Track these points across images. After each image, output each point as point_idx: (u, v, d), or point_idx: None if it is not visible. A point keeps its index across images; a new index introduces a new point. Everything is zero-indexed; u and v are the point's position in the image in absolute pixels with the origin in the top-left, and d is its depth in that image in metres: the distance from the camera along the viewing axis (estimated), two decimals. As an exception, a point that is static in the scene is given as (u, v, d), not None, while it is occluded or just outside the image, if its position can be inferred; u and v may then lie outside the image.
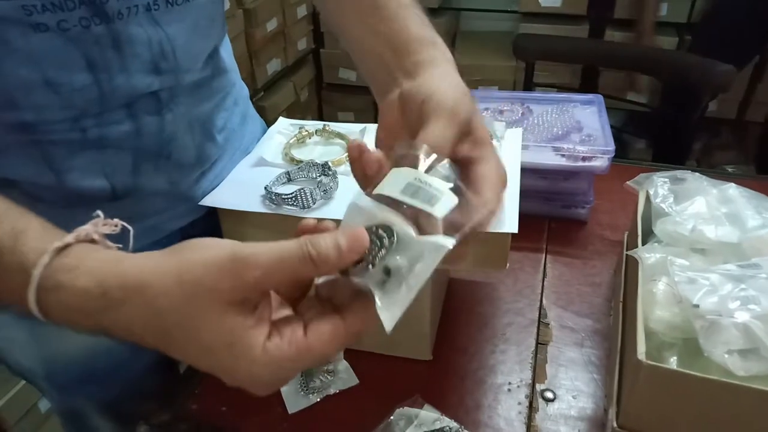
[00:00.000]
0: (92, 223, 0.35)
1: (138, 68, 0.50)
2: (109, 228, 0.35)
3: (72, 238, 0.33)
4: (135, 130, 0.52)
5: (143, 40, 0.49)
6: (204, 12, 0.54)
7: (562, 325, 0.65)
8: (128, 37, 0.48)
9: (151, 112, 0.53)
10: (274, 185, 0.59)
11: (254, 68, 1.95)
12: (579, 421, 0.55)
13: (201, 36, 0.55)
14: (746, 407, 0.43)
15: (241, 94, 0.68)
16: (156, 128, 0.54)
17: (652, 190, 0.61)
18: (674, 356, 0.49)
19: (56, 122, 0.48)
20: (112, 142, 0.52)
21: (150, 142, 0.54)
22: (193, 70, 0.56)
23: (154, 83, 0.51)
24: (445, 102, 0.38)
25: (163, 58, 0.51)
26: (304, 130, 0.70)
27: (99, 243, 0.35)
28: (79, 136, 0.50)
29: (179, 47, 0.52)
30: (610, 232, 0.80)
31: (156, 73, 0.51)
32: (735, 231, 0.55)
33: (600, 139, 0.81)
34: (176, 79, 0.53)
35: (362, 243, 0.31)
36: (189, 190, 0.60)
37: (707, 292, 0.48)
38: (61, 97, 0.47)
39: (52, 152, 0.50)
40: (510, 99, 0.94)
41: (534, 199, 0.82)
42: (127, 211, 0.56)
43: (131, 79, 0.50)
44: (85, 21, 0.45)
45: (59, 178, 0.51)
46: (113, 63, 0.48)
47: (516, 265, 0.73)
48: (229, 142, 0.65)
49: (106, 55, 0.47)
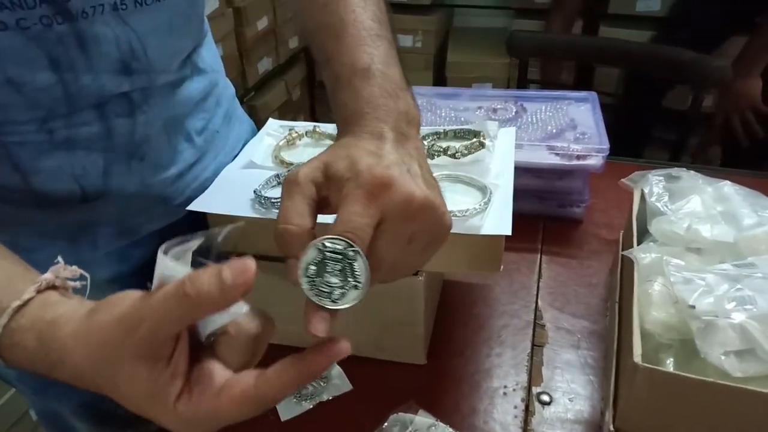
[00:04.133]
0: (52, 271, 0.36)
1: (106, 68, 0.48)
2: (69, 273, 0.37)
3: (33, 292, 0.35)
4: (105, 132, 0.51)
5: (110, 39, 0.47)
6: (178, 11, 0.53)
7: (558, 327, 0.65)
8: (94, 36, 0.46)
9: (122, 114, 0.51)
10: (264, 188, 0.58)
11: (245, 67, 1.93)
12: (576, 424, 0.54)
13: (176, 36, 0.54)
14: (743, 409, 0.43)
15: (224, 95, 0.67)
16: (128, 130, 0.52)
17: (647, 189, 0.61)
18: (671, 357, 0.48)
19: (22, 123, 0.47)
20: (82, 144, 0.50)
21: (121, 144, 0.53)
22: (169, 71, 0.54)
23: (125, 84, 0.50)
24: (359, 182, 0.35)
25: (134, 58, 0.50)
26: (293, 131, 0.69)
27: (60, 289, 0.36)
28: (46, 138, 0.49)
29: (151, 47, 0.50)
30: (605, 231, 0.79)
31: (126, 74, 0.50)
32: (730, 230, 0.55)
33: (594, 137, 0.81)
34: (149, 79, 0.52)
35: (250, 274, 0.29)
36: (165, 192, 0.58)
37: (703, 292, 0.48)
38: (24, 96, 0.46)
39: (19, 153, 0.48)
40: (504, 97, 0.93)
41: (529, 199, 0.81)
42: (98, 213, 0.55)
43: (99, 79, 0.48)
44: (47, 19, 0.44)
45: (26, 180, 0.50)
46: (78, 62, 0.47)
47: (511, 266, 0.73)
48: (210, 144, 0.63)
49: (71, 55, 0.46)
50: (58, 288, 0.36)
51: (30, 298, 0.35)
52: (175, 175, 0.59)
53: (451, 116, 0.88)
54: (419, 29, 2.23)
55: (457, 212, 0.52)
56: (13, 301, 0.34)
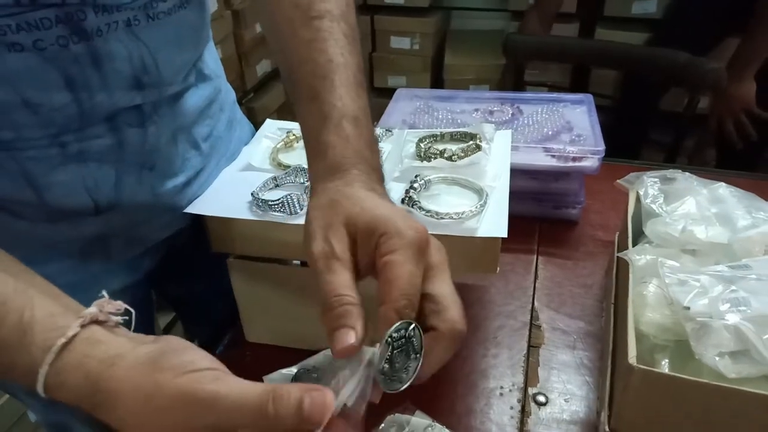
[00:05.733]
0: (97, 305, 0.37)
1: (119, 85, 0.48)
2: (113, 307, 0.37)
3: (77, 327, 0.35)
4: (117, 143, 0.51)
5: (123, 56, 0.48)
6: (187, 22, 0.53)
7: (553, 328, 0.65)
8: (108, 53, 0.46)
9: (133, 125, 0.52)
10: (261, 191, 0.58)
11: (244, 70, 1.94)
12: (571, 424, 0.54)
13: (186, 47, 0.54)
14: (737, 409, 0.43)
15: (227, 100, 0.67)
16: (139, 140, 0.52)
17: (642, 190, 0.61)
18: (666, 359, 0.49)
19: (35, 139, 0.47)
20: (94, 156, 0.50)
21: (133, 155, 0.53)
22: (177, 82, 0.55)
23: (137, 98, 0.50)
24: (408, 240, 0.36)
25: (145, 73, 0.50)
26: (291, 134, 0.69)
27: (105, 324, 0.36)
28: (58, 151, 0.49)
29: (162, 61, 0.51)
30: (601, 232, 0.80)
31: (138, 89, 0.50)
32: (725, 231, 0.55)
33: (590, 139, 0.81)
34: (159, 92, 0.52)
35: (327, 412, 0.30)
36: (173, 201, 0.59)
37: (698, 293, 0.48)
38: (40, 116, 0.46)
39: (31, 168, 0.48)
40: (500, 99, 0.93)
41: (525, 201, 0.81)
42: (110, 224, 0.55)
43: (112, 96, 0.48)
44: (63, 40, 0.44)
45: (39, 194, 0.50)
46: (93, 81, 0.47)
47: (507, 267, 0.73)
48: (214, 149, 0.64)
49: (86, 73, 0.46)
50: (102, 322, 0.36)
51: (75, 334, 0.34)
52: (183, 182, 0.59)
53: (447, 118, 0.89)
54: (417, 31, 2.24)
55: (453, 215, 0.52)
56: (59, 339, 0.34)
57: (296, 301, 0.60)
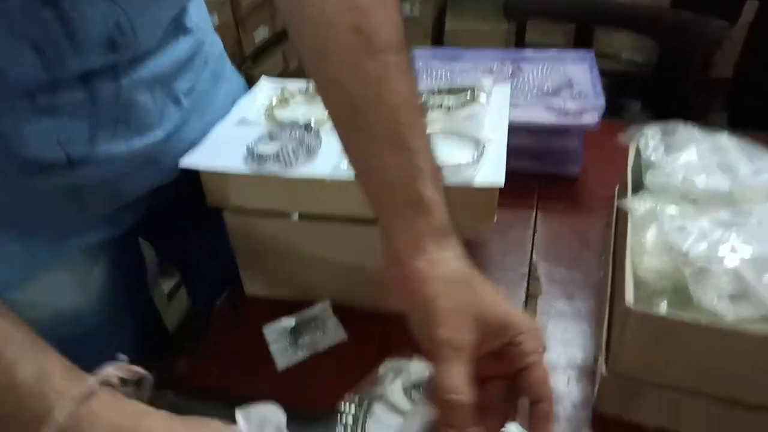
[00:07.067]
0: (115, 367, 0.37)
1: (92, 49, 0.46)
2: (129, 373, 0.37)
3: (95, 384, 0.35)
4: (89, 98, 0.49)
5: (97, 20, 0.45)
6: None
7: (552, 279, 0.65)
8: (80, 18, 0.44)
9: (106, 79, 0.50)
10: (256, 144, 0.57)
11: (241, 36, 1.90)
12: (569, 369, 0.55)
13: (163, 5, 0.52)
14: (734, 350, 0.43)
15: (212, 53, 0.65)
16: (112, 94, 0.50)
17: (642, 143, 0.60)
18: (664, 304, 0.48)
19: (3, 98, 0.45)
20: (65, 109, 0.48)
21: (106, 109, 0.51)
22: (155, 39, 0.53)
23: (110, 58, 0.48)
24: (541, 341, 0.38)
25: (121, 35, 0.48)
26: (287, 90, 0.68)
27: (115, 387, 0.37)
28: (28, 104, 0.47)
29: (138, 21, 0.48)
30: (601, 188, 0.79)
31: (112, 51, 0.48)
32: (726, 180, 0.55)
33: (591, 96, 0.80)
34: (134, 52, 0.50)
35: None
36: (152, 156, 0.57)
37: (697, 239, 0.48)
38: (7, 80, 0.44)
39: (1, 120, 0.46)
40: (500, 58, 0.92)
41: (524, 157, 0.81)
42: (85, 178, 0.54)
43: (85, 61, 0.47)
44: (30, 4, 0.41)
45: (10, 147, 0.48)
46: (64, 47, 0.45)
47: (506, 222, 0.72)
48: (197, 104, 0.61)
49: (56, 40, 0.44)
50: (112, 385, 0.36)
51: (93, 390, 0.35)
52: (162, 137, 0.57)
53: (447, 77, 0.88)
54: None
55: (450, 165, 0.52)
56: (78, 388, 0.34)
57: (293, 253, 0.60)
